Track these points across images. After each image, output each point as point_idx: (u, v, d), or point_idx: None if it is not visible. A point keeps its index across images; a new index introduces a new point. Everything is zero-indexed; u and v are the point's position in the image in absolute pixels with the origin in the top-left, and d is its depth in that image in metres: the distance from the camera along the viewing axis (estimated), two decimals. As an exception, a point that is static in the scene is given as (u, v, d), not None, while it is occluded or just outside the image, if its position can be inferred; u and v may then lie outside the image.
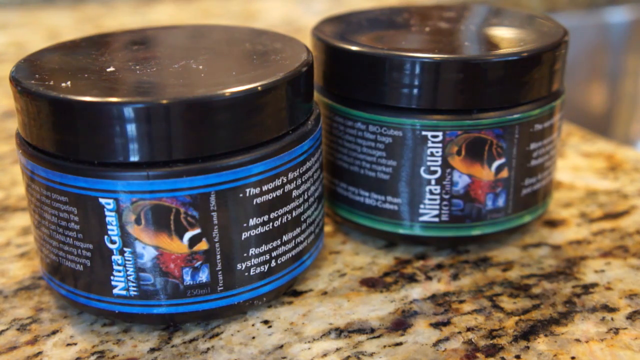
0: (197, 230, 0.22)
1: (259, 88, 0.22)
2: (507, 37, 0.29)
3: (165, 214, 0.22)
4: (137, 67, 0.24)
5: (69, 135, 0.21)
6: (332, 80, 0.28)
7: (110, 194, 0.21)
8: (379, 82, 0.26)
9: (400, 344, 0.24)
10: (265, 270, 0.24)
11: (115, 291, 0.23)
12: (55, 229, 0.23)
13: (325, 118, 0.29)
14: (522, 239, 0.30)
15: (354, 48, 0.27)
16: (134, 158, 0.21)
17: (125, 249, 0.22)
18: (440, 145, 0.26)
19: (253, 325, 0.25)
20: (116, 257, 0.22)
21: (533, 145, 0.27)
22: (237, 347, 0.23)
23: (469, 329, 0.24)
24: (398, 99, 0.26)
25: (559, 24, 0.30)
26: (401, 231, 0.28)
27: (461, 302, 0.26)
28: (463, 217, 0.27)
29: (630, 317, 0.25)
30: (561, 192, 0.34)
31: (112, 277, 0.23)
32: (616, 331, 0.24)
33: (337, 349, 0.23)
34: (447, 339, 0.24)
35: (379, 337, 0.24)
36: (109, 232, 0.22)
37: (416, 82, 0.26)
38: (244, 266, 0.23)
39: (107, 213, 0.22)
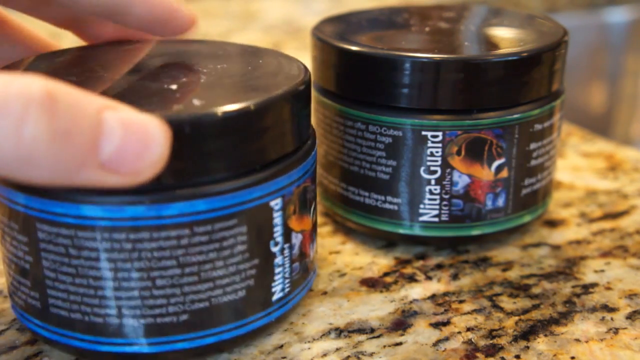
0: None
1: None
2: (506, 37, 0.29)
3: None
4: None
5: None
6: (332, 81, 0.28)
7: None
8: (378, 82, 0.26)
9: (400, 343, 0.24)
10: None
11: None
12: None
13: (325, 118, 0.29)
14: (522, 239, 0.30)
15: (354, 48, 0.27)
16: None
17: None
18: (440, 145, 0.26)
19: (253, 325, 0.25)
20: None
21: (533, 145, 0.27)
22: (237, 347, 0.23)
23: (468, 329, 0.24)
24: (398, 98, 0.26)
25: (558, 24, 0.30)
26: (401, 231, 0.28)
27: (461, 302, 0.26)
28: (463, 217, 0.27)
29: (630, 317, 0.25)
30: (561, 192, 0.34)
31: None
32: (616, 331, 0.24)
33: (337, 349, 0.23)
34: (447, 339, 0.24)
35: (379, 337, 0.24)
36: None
37: (416, 82, 0.26)
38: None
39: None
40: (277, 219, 0.22)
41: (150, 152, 0.18)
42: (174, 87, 0.21)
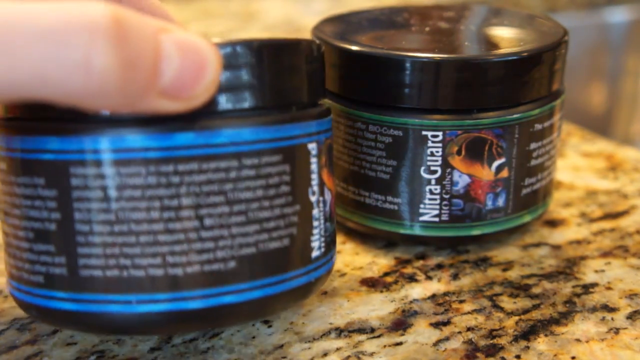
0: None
1: None
2: (507, 37, 0.29)
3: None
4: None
5: None
6: (332, 80, 0.28)
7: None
8: (379, 82, 0.26)
9: (400, 343, 0.24)
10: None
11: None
12: None
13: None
14: (522, 239, 0.30)
15: (354, 48, 0.27)
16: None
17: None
18: (440, 145, 0.26)
19: (253, 325, 0.25)
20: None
21: (533, 145, 0.27)
22: (237, 346, 0.23)
23: (469, 329, 0.24)
24: (398, 98, 0.26)
25: (558, 24, 0.30)
26: (401, 231, 0.28)
27: (461, 302, 0.26)
28: (463, 217, 0.27)
29: (631, 317, 0.25)
30: (561, 192, 0.34)
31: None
32: (616, 331, 0.24)
33: (337, 349, 0.23)
34: (447, 338, 0.24)
35: (379, 337, 0.24)
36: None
37: (416, 82, 0.26)
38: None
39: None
40: (314, 165, 0.21)
41: (206, 75, 0.17)
42: None
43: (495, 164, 0.27)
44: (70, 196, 0.19)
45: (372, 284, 0.27)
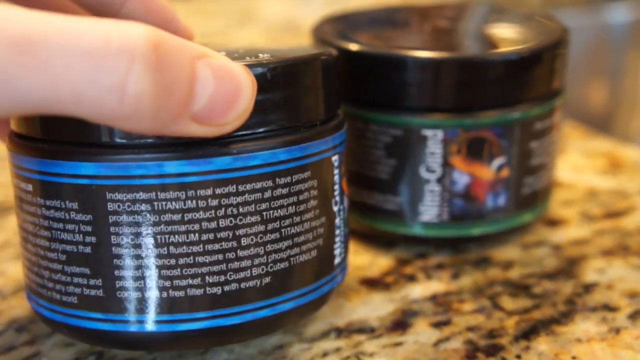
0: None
1: None
2: (507, 35, 0.29)
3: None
4: None
5: None
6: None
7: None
8: (379, 81, 0.26)
9: (400, 343, 0.23)
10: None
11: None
12: None
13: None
14: (522, 238, 0.30)
15: (354, 47, 0.27)
16: None
17: None
18: (440, 144, 0.26)
19: (253, 325, 0.24)
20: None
21: (533, 144, 0.27)
22: (236, 347, 0.23)
23: (469, 329, 0.24)
24: (398, 98, 0.26)
25: (559, 22, 0.30)
26: (401, 231, 0.28)
27: (461, 301, 0.26)
28: (463, 216, 0.27)
29: (631, 316, 0.25)
30: (562, 191, 0.34)
31: None
32: (617, 330, 0.24)
33: (337, 349, 0.23)
34: (447, 338, 0.24)
35: (379, 337, 0.24)
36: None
37: (416, 81, 0.26)
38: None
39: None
40: (337, 176, 0.22)
41: (239, 102, 0.17)
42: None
43: (496, 163, 0.27)
44: (106, 221, 0.19)
45: (372, 283, 0.27)
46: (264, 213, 0.20)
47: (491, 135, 0.26)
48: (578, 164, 0.37)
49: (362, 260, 0.28)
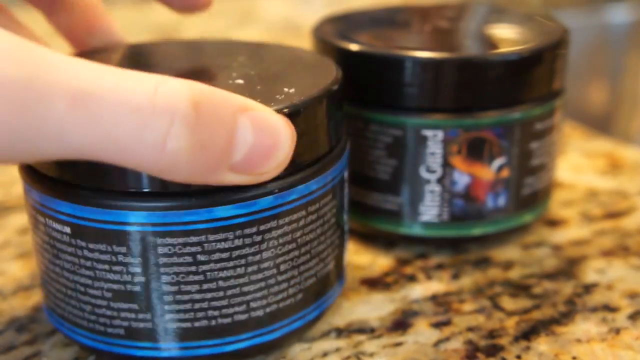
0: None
1: None
2: (507, 35, 0.29)
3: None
4: None
5: None
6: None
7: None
8: (379, 81, 0.26)
9: (400, 344, 0.23)
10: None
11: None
12: None
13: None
14: (522, 239, 0.30)
15: (355, 47, 0.27)
16: None
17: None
18: (440, 144, 0.26)
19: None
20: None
21: (534, 144, 0.27)
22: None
23: (469, 329, 0.24)
24: (398, 98, 0.26)
25: (559, 23, 0.30)
26: (401, 231, 0.28)
27: (461, 302, 0.26)
28: (464, 216, 0.27)
29: (632, 317, 0.25)
30: (562, 192, 0.34)
31: None
32: (617, 331, 0.24)
33: (337, 349, 0.23)
34: (447, 339, 0.24)
35: (379, 337, 0.24)
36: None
37: (416, 81, 0.26)
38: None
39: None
40: (346, 189, 0.23)
41: (278, 154, 0.18)
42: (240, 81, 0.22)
43: (496, 163, 0.27)
44: (157, 263, 0.20)
45: (372, 284, 0.27)
46: (298, 240, 0.21)
47: (491, 135, 0.26)
48: (578, 164, 0.37)
49: (362, 260, 0.28)
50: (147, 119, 0.16)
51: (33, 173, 0.21)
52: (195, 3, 0.26)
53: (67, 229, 0.20)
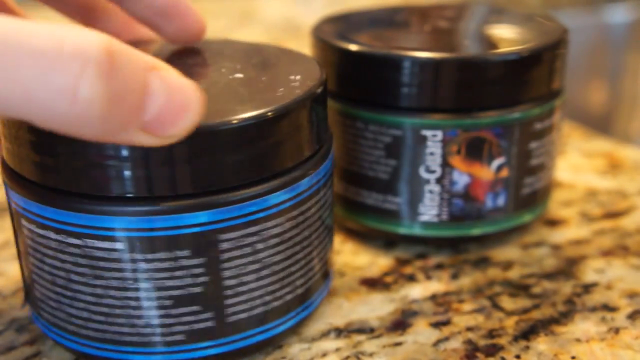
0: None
1: None
2: (507, 36, 0.29)
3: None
4: None
5: None
6: (332, 80, 0.28)
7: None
8: (378, 81, 0.26)
9: (400, 343, 0.23)
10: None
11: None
12: None
13: (325, 117, 0.29)
14: (522, 239, 0.30)
15: (354, 47, 0.27)
16: None
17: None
18: (440, 144, 0.26)
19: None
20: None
21: (533, 144, 0.27)
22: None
23: (469, 329, 0.24)
24: (398, 98, 0.26)
25: (559, 23, 0.30)
26: (401, 231, 0.28)
27: (461, 301, 0.26)
28: (463, 216, 0.27)
29: (631, 316, 0.25)
30: (561, 191, 0.34)
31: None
32: (616, 331, 0.24)
33: (337, 349, 0.23)
34: (447, 338, 0.24)
35: (378, 337, 0.24)
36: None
37: (416, 81, 0.26)
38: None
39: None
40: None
41: (187, 117, 0.18)
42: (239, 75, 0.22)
43: (495, 163, 0.27)
44: (219, 259, 0.20)
45: (372, 284, 0.27)
46: (324, 219, 0.23)
47: (491, 135, 0.26)
48: (578, 164, 0.37)
49: (362, 260, 0.28)
50: (54, 62, 0.15)
51: (17, 177, 0.21)
52: (189, 36, 0.26)
53: (117, 245, 0.20)
